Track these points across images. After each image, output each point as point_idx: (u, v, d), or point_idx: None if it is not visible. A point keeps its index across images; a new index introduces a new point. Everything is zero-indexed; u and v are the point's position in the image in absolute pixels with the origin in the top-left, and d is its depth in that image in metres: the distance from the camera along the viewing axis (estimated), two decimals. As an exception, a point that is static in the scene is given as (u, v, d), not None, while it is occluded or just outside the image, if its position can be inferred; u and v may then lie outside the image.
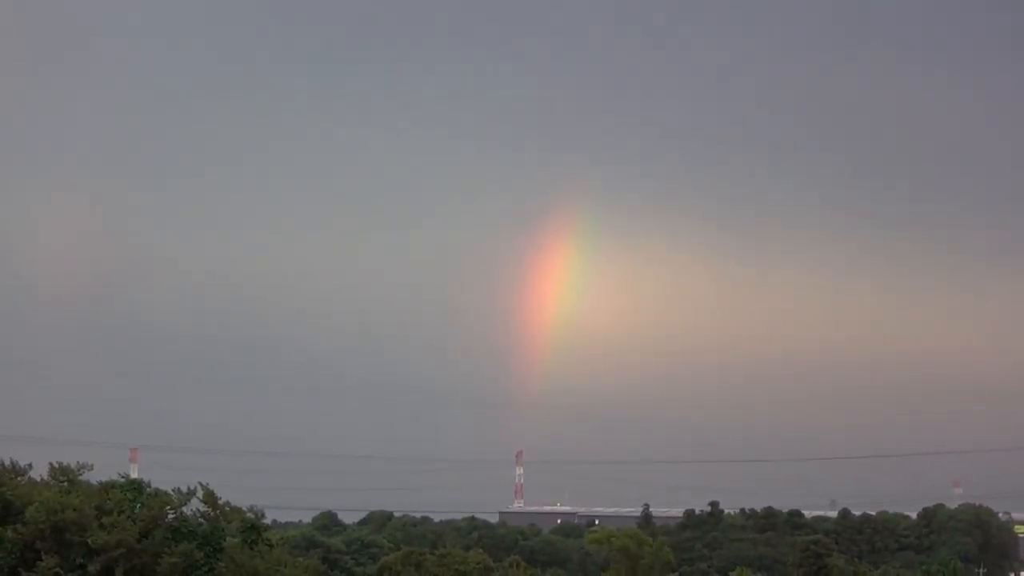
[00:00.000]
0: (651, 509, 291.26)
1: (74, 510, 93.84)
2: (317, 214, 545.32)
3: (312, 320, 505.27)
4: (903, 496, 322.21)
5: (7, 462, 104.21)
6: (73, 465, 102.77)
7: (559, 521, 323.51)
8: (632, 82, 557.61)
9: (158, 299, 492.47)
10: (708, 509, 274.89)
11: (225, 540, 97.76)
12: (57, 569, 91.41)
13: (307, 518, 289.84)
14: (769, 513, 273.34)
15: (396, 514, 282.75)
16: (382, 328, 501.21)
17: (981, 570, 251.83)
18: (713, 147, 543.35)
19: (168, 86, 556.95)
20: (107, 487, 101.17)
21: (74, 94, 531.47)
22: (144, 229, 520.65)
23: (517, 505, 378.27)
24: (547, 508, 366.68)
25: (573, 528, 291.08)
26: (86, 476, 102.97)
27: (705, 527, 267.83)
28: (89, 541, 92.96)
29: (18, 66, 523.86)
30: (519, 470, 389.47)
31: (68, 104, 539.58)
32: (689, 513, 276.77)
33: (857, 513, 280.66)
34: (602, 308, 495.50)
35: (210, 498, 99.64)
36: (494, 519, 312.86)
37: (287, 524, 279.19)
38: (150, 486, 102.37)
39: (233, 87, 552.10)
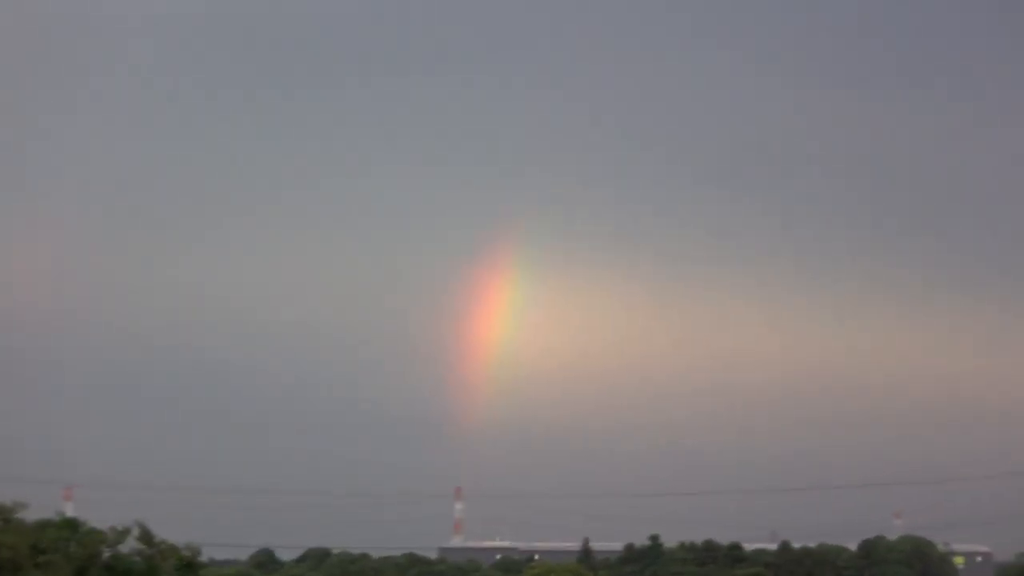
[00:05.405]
0: (591, 543, 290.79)
1: (9, 548, 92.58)
2: (270, 236, 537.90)
3: (243, 350, 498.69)
4: (843, 527, 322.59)
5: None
6: (7, 503, 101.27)
7: (499, 557, 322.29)
8: (600, 114, 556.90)
9: (89, 325, 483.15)
10: (648, 542, 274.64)
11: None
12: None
13: (244, 556, 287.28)
14: (709, 546, 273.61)
15: (334, 551, 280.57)
16: (319, 356, 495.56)
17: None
18: (676, 177, 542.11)
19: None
20: (42, 525, 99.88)
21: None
22: (93, 252, 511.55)
23: (457, 541, 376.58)
24: (487, 543, 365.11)
25: (513, 563, 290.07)
26: (20, 515, 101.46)
27: (645, 560, 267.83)
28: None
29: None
30: (458, 505, 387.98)
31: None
32: (629, 547, 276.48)
33: (797, 545, 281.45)
34: (544, 338, 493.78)
35: (146, 536, 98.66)
36: (433, 555, 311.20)
37: (224, 562, 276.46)
38: (85, 524, 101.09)
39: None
